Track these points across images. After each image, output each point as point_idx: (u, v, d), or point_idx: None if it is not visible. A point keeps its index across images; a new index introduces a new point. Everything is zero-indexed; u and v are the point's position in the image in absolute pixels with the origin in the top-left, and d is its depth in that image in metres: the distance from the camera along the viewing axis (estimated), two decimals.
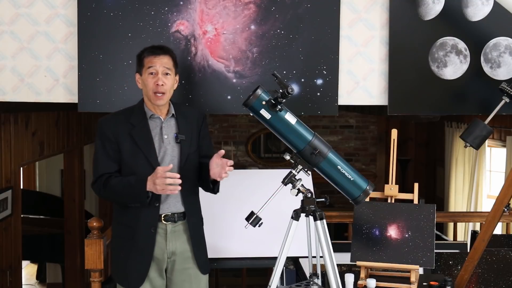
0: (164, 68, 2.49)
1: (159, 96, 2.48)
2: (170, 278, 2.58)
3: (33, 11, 2.97)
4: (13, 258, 4.43)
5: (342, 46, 3.03)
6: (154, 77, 2.48)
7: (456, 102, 3.09)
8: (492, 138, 5.62)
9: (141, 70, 2.52)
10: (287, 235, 2.37)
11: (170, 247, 2.53)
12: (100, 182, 2.49)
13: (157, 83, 2.46)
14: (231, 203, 3.03)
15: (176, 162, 2.52)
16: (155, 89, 2.47)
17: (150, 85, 2.48)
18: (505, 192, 2.50)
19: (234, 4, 2.97)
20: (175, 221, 2.52)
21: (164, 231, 2.52)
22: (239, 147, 8.22)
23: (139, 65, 2.53)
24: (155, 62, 2.48)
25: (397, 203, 2.85)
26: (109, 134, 2.49)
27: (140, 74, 2.53)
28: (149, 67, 2.48)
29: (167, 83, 2.49)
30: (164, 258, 2.54)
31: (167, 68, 2.50)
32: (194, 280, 2.59)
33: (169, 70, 2.51)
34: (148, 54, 2.50)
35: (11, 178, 4.39)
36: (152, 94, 2.48)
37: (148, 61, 2.49)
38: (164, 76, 2.48)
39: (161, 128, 2.53)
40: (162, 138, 2.52)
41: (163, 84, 2.47)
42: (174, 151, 2.53)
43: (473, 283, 2.94)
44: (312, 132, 2.37)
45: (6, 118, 4.24)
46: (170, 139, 2.53)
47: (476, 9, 3.03)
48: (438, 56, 3.04)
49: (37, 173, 8.07)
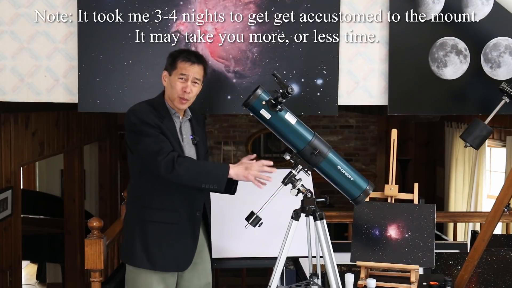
0: (195, 76, 2.50)
1: (183, 101, 2.49)
2: (181, 273, 2.62)
3: (33, 11, 2.97)
4: (13, 258, 4.43)
5: (342, 46, 3.03)
6: (183, 82, 2.48)
7: (456, 102, 3.09)
8: (492, 138, 5.62)
9: (171, 71, 2.51)
10: (287, 235, 2.37)
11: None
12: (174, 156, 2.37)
13: (185, 90, 2.47)
14: (231, 203, 3.03)
15: None
16: (182, 95, 2.47)
17: (177, 89, 2.47)
18: (505, 192, 2.50)
19: (234, 4, 2.97)
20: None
21: None
22: (239, 147, 8.22)
23: (171, 65, 2.51)
24: (189, 70, 2.48)
25: (397, 203, 2.85)
26: (150, 119, 2.42)
27: (170, 74, 2.52)
28: (182, 73, 2.48)
29: (194, 91, 2.51)
30: None
31: (197, 79, 2.51)
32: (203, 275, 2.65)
33: (198, 80, 2.52)
34: (184, 59, 2.49)
35: (11, 178, 4.39)
36: (177, 98, 2.49)
37: (182, 66, 2.48)
38: (192, 84, 2.49)
39: (180, 128, 2.55)
40: (181, 137, 2.54)
41: (190, 92, 2.48)
42: (191, 152, 2.55)
43: (473, 283, 2.94)
44: (312, 132, 2.37)
45: (6, 118, 4.24)
46: (188, 140, 2.56)
47: (476, 9, 3.03)
48: (438, 56, 3.04)
49: (37, 173, 8.07)
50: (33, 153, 4.76)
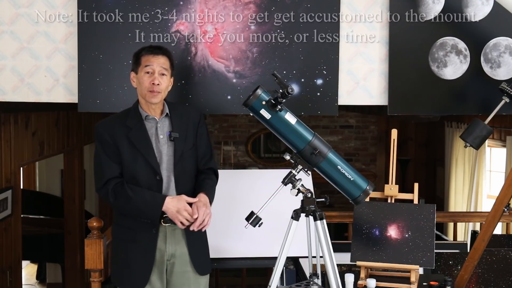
0: (161, 68, 2.48)
1: (154, 94, 2.47)
2: (170, 280, 2.57)
3: (33, 11, 2.97)
4: (13, 258, 4.43)
5: (342, 46, 3.03)
6: (150, 76, 2.47)
7: (456, 102, 3.09)
8: (492, 138, 5.62)
9: (137, 68, 2.51)
10: (287, 235, 2.36)
11: (170, 249, 2.53)
12: (108, 188, 2.46)
13: (153, 82, 2.46)
14: (231, 203, 3.03)
15: (172, 160, 2.51)
16: (151, 88, 2.46)
17: (145, 84, 2.47)
18: (505, 192, 2.50)
19: (234, 4, 2.97)
20: (174, 222, 2.51)
21: (164, 234, 2.52)
22: (239, 147, 8.22)
23: (136, 63, 2.52)
24: (153, 62, 2.48)
25: (397, 203, 2.85)
26: (107, 138, 2.49)
27: (136, 72, 2.52)
28: (146, 66, 2.47)
29: (162, 83, 2.48)
30: (163, 260, 2.53)
31: (164, 69, 2.49)
32: (193, 283, 2.58)
33: (166, 71, 2.50)
34: (146, 53, 2.50)
35: (11, 178, 4.39)
36: (147, 92, 2.47)
37: (145, 59, 2.49)
38: (160, 76, 2.48)
39: (157, 129, 2.52)
40: (158, 139, 2.52)
41: (159, 83, 2.47)
42: (169, 150, 2.52)
43: (473, 283, 2.94)
44: (312, 132, 2.37)
45: (6, 118, 4.24)
46: (166, 138, 2.53)
47: (476, 9, 3.03)
48: (438, 56, 3.04)
49: (37, 173, 8.07)
50: (33, 153, 4.76)
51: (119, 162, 2.49)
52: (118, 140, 2.48)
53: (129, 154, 2.48)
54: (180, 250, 2.54)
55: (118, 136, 2.49)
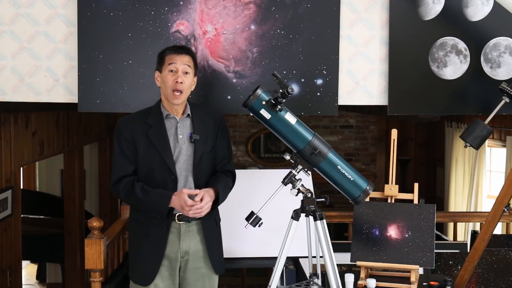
0: (184, 67, 2.51)
1: (176, 94, 2.49)
2: (183, 276, 2.59)
3: (33, 11, 2.97)
4: (13, 258, 4.43)
5: (342, 46, 3.03)
6: (174, 74, 2.50)
7: (456, 102, 3.09)
8: (492, 138, 5.62)
9: (161, 67, 2.54)
10: (287, 235, 2.36)
11: (184, 247, 2.55)
12: (120, 186, 2.52)
13: (177, 80, 2.48)
14: (231, 203, 3.02)
15: (191, 161, 2.53)
16: (174, 86, 2.48)
17: (169, 82, 2.49)
18: (505, 192, 2.50)
19: (234, 4, 2.97)
20: (189, 221, 2.54)
21: (178, 231, 2.54)
22: (239, 147, 8.22)
23: (160, 62, 2.55)
24: (177, 60, 2.50)
25: (397, 203, 2.85)
26: (126, 135, 2.52)
27: (160, 71, 2.55)
28: (170, 64, 2.50)
29: (186, 82, 2.51)
30: (177, 257, 2.55)
31: (187, 66, 2.52)
32: (207, 280, 2.61)
33: (189, 70, 2.53)
34: (170, 52, 2.53)
35: (11, 178, 4.39)
36: (170, 92, 2.49)
37: (169, 58, 2.51)
38: (183, 75, 2.50)
39: (176, 128, 2.55)
40: (177, 138, 2.54)
41: (182, 82, 2.49)
42: (188, 151, 2.54)
43: (473, 283, 2.94)
44: (312, 132, 2.37)
45: (6, 118, 4.24)
46: (185, 138, 2.55)
47: (476, 9, 3.03)
48: (438, 56, 3.04)
49: (37, 173, 8.07)
50: (33, 153, 4.76)
51: (133, 161, 2.53)
52: (136, 137, 2.52)
53: (146, 151, 2.52)
54: (194, 247, 2.57)
55: (137, 133, 2.52)
